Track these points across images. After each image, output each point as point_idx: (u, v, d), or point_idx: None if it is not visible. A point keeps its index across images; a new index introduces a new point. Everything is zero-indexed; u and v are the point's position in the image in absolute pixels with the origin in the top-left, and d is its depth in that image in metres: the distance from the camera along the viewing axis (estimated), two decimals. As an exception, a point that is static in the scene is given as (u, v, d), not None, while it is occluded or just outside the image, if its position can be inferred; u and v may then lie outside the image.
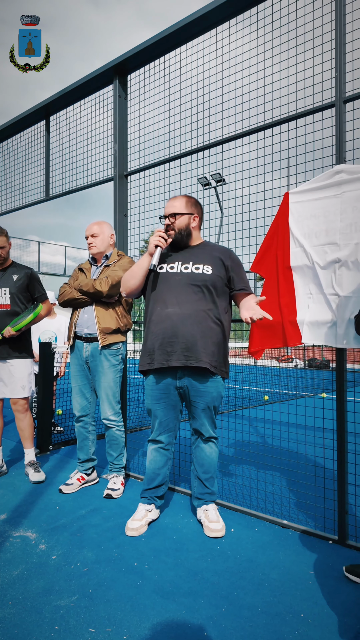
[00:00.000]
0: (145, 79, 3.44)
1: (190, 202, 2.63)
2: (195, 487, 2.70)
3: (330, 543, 2.43)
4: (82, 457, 3.23)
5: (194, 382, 2.50)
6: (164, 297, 2.51)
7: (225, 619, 1.79)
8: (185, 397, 2.57)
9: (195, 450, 2.68)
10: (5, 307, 3.35)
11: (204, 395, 2.51)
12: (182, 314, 2.44)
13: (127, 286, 2.63)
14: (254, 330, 2.71)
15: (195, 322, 2.44)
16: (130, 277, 2.60)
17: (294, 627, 1.75)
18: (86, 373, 3.14)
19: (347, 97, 2.38)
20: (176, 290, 2.49)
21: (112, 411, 3.08)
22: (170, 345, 2.44)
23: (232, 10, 2.87)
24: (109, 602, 1.88)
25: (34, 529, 2.56)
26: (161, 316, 2.48)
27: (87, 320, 3.04)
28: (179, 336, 2.43)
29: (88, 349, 3.06)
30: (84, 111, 3.95)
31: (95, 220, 3.21)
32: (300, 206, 2.53)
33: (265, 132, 2.76)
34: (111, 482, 3.15)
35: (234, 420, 4.39)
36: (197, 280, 2.49)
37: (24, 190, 4.66)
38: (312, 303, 2.49)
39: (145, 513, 2.61)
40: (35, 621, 1.76)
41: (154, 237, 2.49)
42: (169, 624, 1.75)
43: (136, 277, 2.58)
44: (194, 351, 2.42)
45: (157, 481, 2.65)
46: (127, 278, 2.63)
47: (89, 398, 3.18)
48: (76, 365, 3.15)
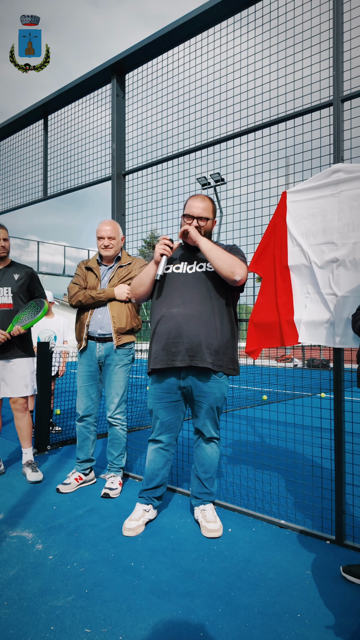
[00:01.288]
0: (143, 78, 3.44)
1: (213, 206, 2.63)
2: (194, 486, 2.70)
3: (327, 543, 2.43)
4: (82, 457, 3.22)
5: (197, 382, 2.50)
6: (169, 298, 2.51)
7: (222, 619, 1.78)
8: (188, 397, 2.56)
9: (197, 450, 2.67)
10: (7, 307, 3.35)
11: (208, 396, 2.51)
12: (187, 314, 2.44)
13: (136, 293, 2.65)
14: (252, 329, 2.70)
15: (200, 322, 2.43)
16: (139, 285, 2.61)
17: (290, 627, 1.74)
18: (94, 374, 3.14)
19: (344, 96, 2.38)
20: (181, 290, 2.49)
21: (119, 410, 3.09)
22: (174, 346, 2.43)
23: (229, 9, 2.86)
24: (105, 603, 1.87)
25: (30, 529, 2.55)
26: (166, 317, 2.48)
27: (100, 321, 3.05)
28: (184, 336, 2.42)
29: (102, 349, 3.07)
30: (82, 110, 3.94)
31: (106, 220, 3.20)
32: (297, 205, 2.52)
33: (262, 131, 2.75)
34: (109, 481, 3.14)
35: (233, 420, 4.39)
36: (201, 280, 2.49)
37: (22, 189, 4.65)
38: (310, 303, 2.48)
39: (142, 513, 2.60)
40: (31, 621, 1.75)
41: (159, 245, 2.47)
42: (165, 624, 1.75)
43: (144, 284, 2.58)
44: (199, 351, 2.41)
45: (155, 482, 2.64)
46: (135, 285, 2.64)
47: (94, 399, 3.17)
48: (86, 365, 3.14)
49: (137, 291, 2.63)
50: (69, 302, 3.17)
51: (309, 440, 3.98)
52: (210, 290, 2.49)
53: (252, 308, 2.73)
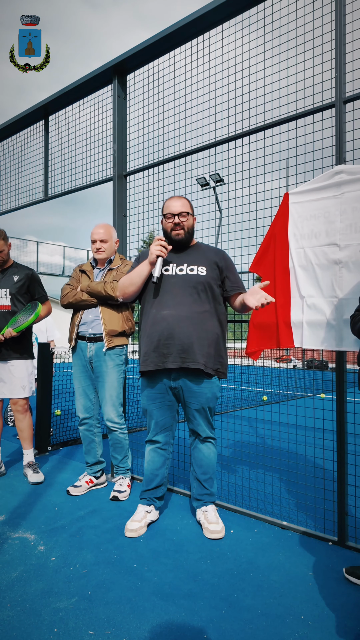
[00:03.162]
0: (145, 79, 3.44)
1: (189, 203, 2.64)
2: (194, 489, 2.69)
3: (330, 544, 2.43)
4: (90, 460, 3.21)
5: (188, 383, 2.50)
6: (160, 300, 2.50)
7: (225, 621, 1.78)
8: (179, 397, 2.57)
9: (194, 452, 2.67)
10: (5, 308, 3.35)
11: (198, 396, 2.51)
12: (178, 316, 2.44)
13: (126, 292, 2.63)
14: (252, 331, 2.71)
15: (191, 324, 2.44)
16: (130, 284, 2.59)
17: (294, 629, 1.74)
18: (89, 374, 3.13)
19: (347, 98, 2.38)
20: (172, 292, 2.49)
21: (115, 413, 3.06)
22: (166, 347, 2.43)
23: (231, 10, 2.86)
24: (108, 604, 1.87)
25: (32, 530, 2.55)
26: (157, 318, 2.48)
27: (92, 321, 3.04)
28: (175, 338, 2.42)
29: (92, 349, 3.05)
30: (83, 111, 3.94)
31: (101, 223, 3.20)
32: (300, 207, 2.52)
33: (265, 133, 2.75)
34: (117, 484, 3.12)
35: (233, 421, 4.38)
36: (192, 282, 2.49)
37: (23, 190, 4.65)
38: (311, 305, 2.48)
39: (144, 514, 2.60)
40: (34, 623, 1.75)
41: (155, 246, 2.45)
42: (168, 626, 1.75)
43: (135, 284, 2.57)
44: (190, 353, 2.42)
45: (155, 482, 2.64)
46: (125, 284, 2.61)
47: (92, 399, 3.16)
48: (79, 366, 3.13)
49: (127, 290, 2.61)
50: (60, 302, 3.17)
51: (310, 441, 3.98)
52: (200, 293, 2.49)
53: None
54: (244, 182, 2.84)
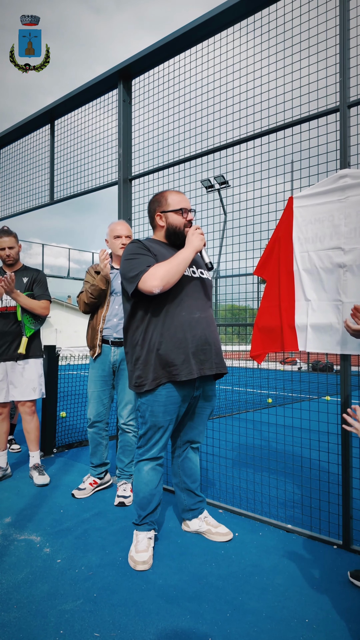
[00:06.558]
0: (150, 84, 3.46)
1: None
2: (184, 500, 2.57)
3: (334, 548, 2.43)
4: (95, 461, 3.21)
5: (206, 389, 2.43)
6: (187, 301, 2.30)
7: (230, 624, 1.78)
8: (192, 406, 2.43)
9: (183, 462, 2.53)
10: (14, 309, 3.38)
11: (212, 400, 2.49)
12: (207, 319, 2.35)
13: (170, 282, 2.20)
14: (256, 334, 2.71)
15: (215, 328, 2.41)
16: (176, 272, 2.21)
17: (298, 632, 1.74)
18: (107, 379, 3.10)
19: (351, 102, 2.39)
20: (195, 295, 2.35)
21: (133, 416, 3.05)
22: (203, 353, 2.28)
23: (236, 15, 2.88)
24: (113, 607, 1.88)
25: (38, 532, 2.56)
26: (191, 322, 2.27)
27: (116, 325, 3.04)
28: (211, 343, 2.32)
29: (116, 352, 3.05)
30: (88, 115, 3.97)
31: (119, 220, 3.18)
32: (304, 210, 2.53)
33: (269, 137, 2.76)
34: (121, 489, 3.09)
35: (238, 424, 4.39)
36: (206, 285, 2.47)
37: (29, 193, 4.68)
38: (315, 309, 2.48)
39: (148, 542, 2.32)
40: (40, 625, 1.76)
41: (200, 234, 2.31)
42: (173, 628, 1.75)
43: (181, 272, 2.24)
44: (221, 357, 2.37)
45: (154, 503, 2.35)
46: (172, 272, 2.19)
47: (106, 404, 3.15)
48: (99, 370, 3.09)
49: (174, 279, 2.21)
50: (81, 309, 3.14)
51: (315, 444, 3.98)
52: (208, 295, 2.48)
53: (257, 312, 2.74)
54: (249, 186, 2.85)
